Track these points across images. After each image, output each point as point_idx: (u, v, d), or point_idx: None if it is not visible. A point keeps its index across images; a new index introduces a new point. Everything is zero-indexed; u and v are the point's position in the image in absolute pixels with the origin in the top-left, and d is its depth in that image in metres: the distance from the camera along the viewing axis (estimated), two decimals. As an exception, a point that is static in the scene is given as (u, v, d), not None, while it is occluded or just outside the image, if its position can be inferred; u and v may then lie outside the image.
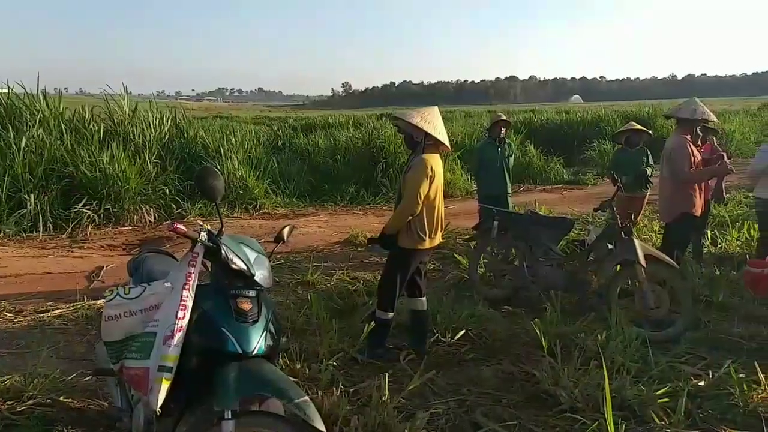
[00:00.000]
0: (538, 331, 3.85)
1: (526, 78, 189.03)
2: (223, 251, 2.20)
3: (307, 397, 2.04)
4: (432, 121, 3.72)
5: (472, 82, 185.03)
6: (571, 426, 3.02)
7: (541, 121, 19.39)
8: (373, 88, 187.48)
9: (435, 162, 3.73)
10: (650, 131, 6.63)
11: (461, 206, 10.26)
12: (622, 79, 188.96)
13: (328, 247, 7.29)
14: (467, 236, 6.42)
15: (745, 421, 3.06)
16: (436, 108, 3.90)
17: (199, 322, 2.16)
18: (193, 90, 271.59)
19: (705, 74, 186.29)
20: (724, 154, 5.46)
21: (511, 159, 6.70)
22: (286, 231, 2.74)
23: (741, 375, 3.37)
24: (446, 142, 3.80)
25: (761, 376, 3.29)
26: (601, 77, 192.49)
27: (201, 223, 2.31)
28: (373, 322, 3.90)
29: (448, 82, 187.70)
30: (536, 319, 4.10)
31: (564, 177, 13.98)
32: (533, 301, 4.90)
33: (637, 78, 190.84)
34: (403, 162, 3.97)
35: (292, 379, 3.34)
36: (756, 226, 6.19)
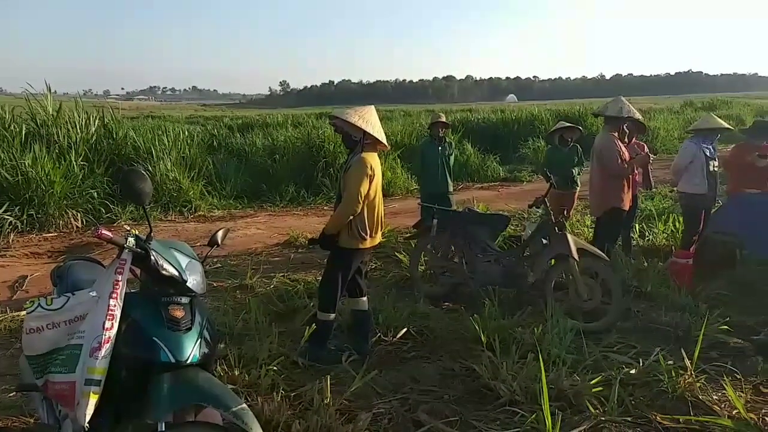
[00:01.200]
0: (477, 327, 3.92)
1: (463, 78, 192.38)
2: (152, 257, 2.11)
3: (245, 405, 1.99)
4: (370, 120, 3.71)
5: (411, 81, 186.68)
6: (510, 419, 3.08)
7: (477, 120, 19.75)
8: (312, 86, 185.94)
9: (374, 161, 3.72)
10: (581, 127, 6.86)
11: (402, 205, 10.34)
12: (555, 79, 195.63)
13: (268, 249, 7.15)
14: (408, 235, 6.46)
15: (674, 406, 3.21)
16: (373, 107, 3.90)
17: (129, 331, 2.06)
18: (122, 89, 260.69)
19: (631, 74, 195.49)
20: (645, 146, 5.76)
21: (452, 158, 6.79)
22: (220, 234, 2.66)
23: (669, 362, 3.54)
24: (384, 140, 3.80)
25: (687, 362, 3.45)
26: (534, 77, 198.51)
27: (129, 228, 2.20)
28: (314, 324, 3.85)
29: (387, 81, 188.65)
30: (475, 315, 4.17)
31: (501, 174, 14.30)
32: (473, 297, 4.97)
33: (569, 78, 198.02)
34: (344, 161, 3.92)
35: (231, 386, 3.27)
36: (681, 219, 6.55)
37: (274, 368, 3.50)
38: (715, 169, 5.82)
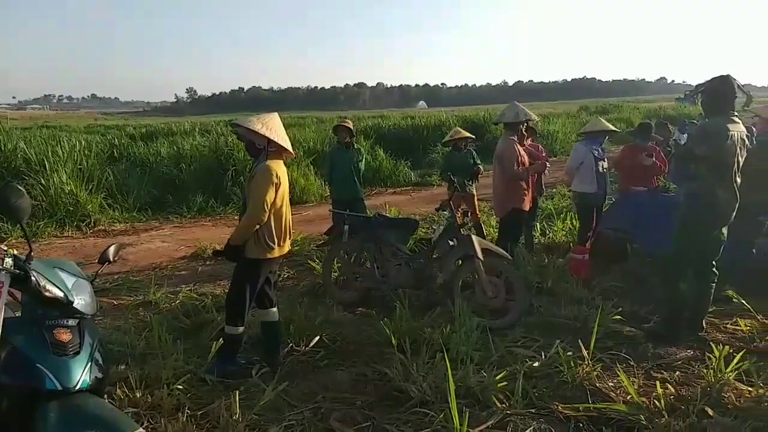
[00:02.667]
0: (387, 330, 3.95)
1: (374, 85, 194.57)
2: (33, 278, 1.96)
3: (141, 429, 1.88)
4: (273, 128, 3.66)
5: (323, 88, 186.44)
6: (421, 420, 3.12)
7: (389, 127, 20.05)
8: (221, 93, 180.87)
9: (280, 168, 3.67)
10: (474, 136, 7.16)
11: (316, 212, 10.26)
12: (461, 86, 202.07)
13: (174, 263, 6.86)
14: (320, 241, 6.42)
15: (574, 395, 3.38)
16: (276, 114, 3.85)
17: (9, 359, 1.91)
18: (14, 98, 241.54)
19: (532, 80, 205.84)
20: (539, 146, 6.08)
21: (361, 164, 6.83)
22: (111, 250, 2.53)
23: (569, 353, 3.72)
24: (289, 147, 3.76)
25: (585, 353, 3.66)
26: (442, 84, 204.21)
27: (5, 248, 2.03)
28: (222, 339, 3.73)
29: (299, 88, 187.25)
30: (385, 319, 4.20)
31: (412, 179, 14.56)
32: (385, 301, 5.02)
33: (474, 84, 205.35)
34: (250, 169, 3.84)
35: (132, 409, 3.10)
36: (577, 216, 6.95)
37: (180, 387, 3.36)
38: (605, 169, 6.22)
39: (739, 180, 4.11)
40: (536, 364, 3.69)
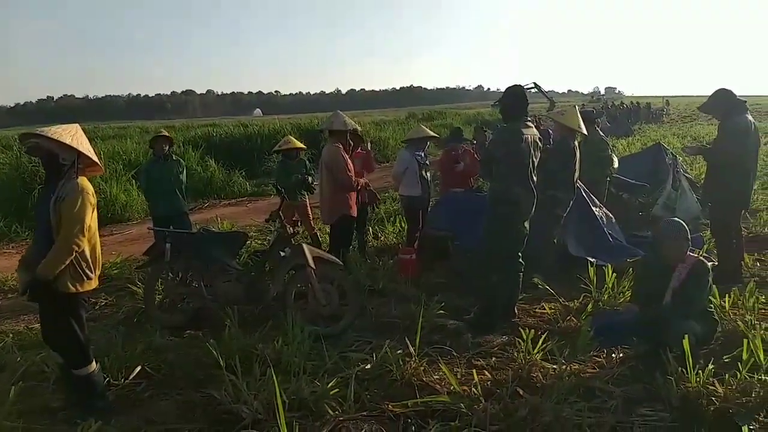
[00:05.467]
0: (214, 351, 3.76)
1: (204, 92, 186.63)
2: None
3: None
4: (82, 141, 3.29)
5: (147, 96, 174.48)
6: (252, 440, 3.02)
7: (221, 135, 19.35)
8: (25, 103, 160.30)
9: (90, 187, 3.30)
10: (305, 147, 7.19)
11: (140, 230, 9.52)
12: (296, 94, 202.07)
13: (-35, 299, 5.92)
14: (141, 262, 5.95)
15: (403, 392, 3.49)
16: (78, 126, 3.46)
17: None
18: None
19: (364, 89, 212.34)
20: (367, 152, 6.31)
21: (182, 176, 6.46)
22: None
23: (398, 351, 3.85)
24: (100, 163, 3.44)
25: (411, 349, 3.81)
26: (276, 91, 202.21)
27: None
28: (78, 385, 3.38)
29: (119, 95, 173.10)
30: (212, 340, 4.01)
31: (247, 189, 14.18)
32: (215, 320, 4.79)
33: (309, 92, 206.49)
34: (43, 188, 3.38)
35: None
36: (405, 219, 7.27)
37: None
38: (427, 173, 6.60)
39: (535, 178, 4.58)
40: (368, 366, 3.77)
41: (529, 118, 4.58)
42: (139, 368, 3.90)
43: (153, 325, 4.72)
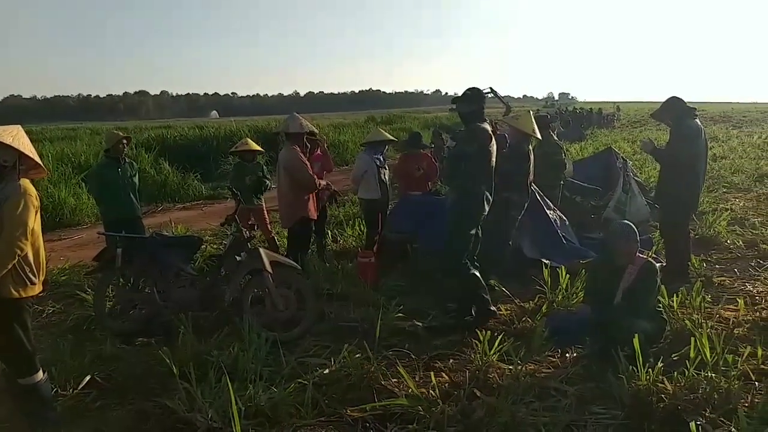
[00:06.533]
0: (167, 359, 3.66)
1: (158, 93, 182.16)
2: None
3: None
4: (24, 142, 3.16)
5: (98, 96, 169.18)
6: (208, 449, 2.96)
7: (175, 137, 18.93)
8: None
9: (33, 189, 3.18)
10: (263, 150, 7.11)
11: (90, 235, 9.21)
12: (253, 96, 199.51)
13: None
14: (91, 268, 5.75)
15: (362, 396, 3.49)
16: (20, 127, 3.33)
17: None
18: None
19: (323, 92, 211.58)
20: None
21: (135, 178, 6.28)
22: None
23: (357, 355, 3.84)
24: (42, 164, 3.31)
25: (370, 353, 3.81)
26: (233, 93, 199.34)
27: None
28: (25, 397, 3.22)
29: (69, 96, 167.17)
30: (165, 347, 3.91)
31: (203, 192, 13.89)
32: (169, 327, 4.67)
33: (266, 94, 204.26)
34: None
35: None
36: (364, 222, 7.27)
37: None
38: (386, 176, 6.61)
39: (494, 180, 4.65)
40: (326, 371, 3.75)
41: (486, 122, 4.64)
42: (88, 378, 3.79)
43: (103, 333, 4.58)
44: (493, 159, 4.53)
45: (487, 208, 4.60)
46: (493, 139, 4.50)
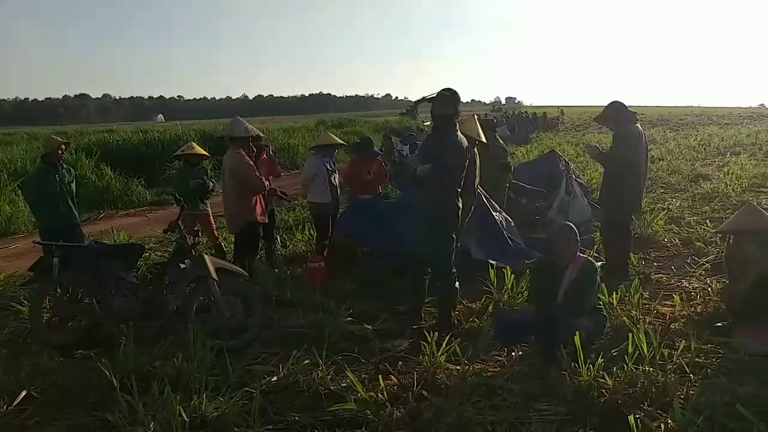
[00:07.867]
0: (107, 371, 3.54)
1: (100, 96, 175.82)
2: None
3: None
4: None
5: (35, 99, 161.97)
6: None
7: (117, 142, 18.32)
8: None
9: None
10: (208, 155, 6.98)
11: (26, 244, 8.79)
12: (200, 99, 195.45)
13: None
14: (26, 279, 5.50)
15: (311, 402, 3.47)
16: None
17: None
18: None
19: (272, 95, 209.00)
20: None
21: (74, 184, 6.05)
22: None
23: (306, 361, 3.82)
24: None
25: (318, 359, 3.78)
26: (179, 96, 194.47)
27: None
28: None
29: (5, 99, 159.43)
30: (105, 359, 3.77)
31: (148, 198, 13.48)
32: (110, 338, 4.51)
33: (213, 98, 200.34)
34: None
35: None
36: (314, 226, 7.22)
37: None
38: (336, 180, 6.59)
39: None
40: (274, 378, 3.71)
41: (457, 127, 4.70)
42: (24, 393, 3.63)
43: (40, 346, 4.39)
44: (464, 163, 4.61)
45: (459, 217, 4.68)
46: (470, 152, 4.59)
